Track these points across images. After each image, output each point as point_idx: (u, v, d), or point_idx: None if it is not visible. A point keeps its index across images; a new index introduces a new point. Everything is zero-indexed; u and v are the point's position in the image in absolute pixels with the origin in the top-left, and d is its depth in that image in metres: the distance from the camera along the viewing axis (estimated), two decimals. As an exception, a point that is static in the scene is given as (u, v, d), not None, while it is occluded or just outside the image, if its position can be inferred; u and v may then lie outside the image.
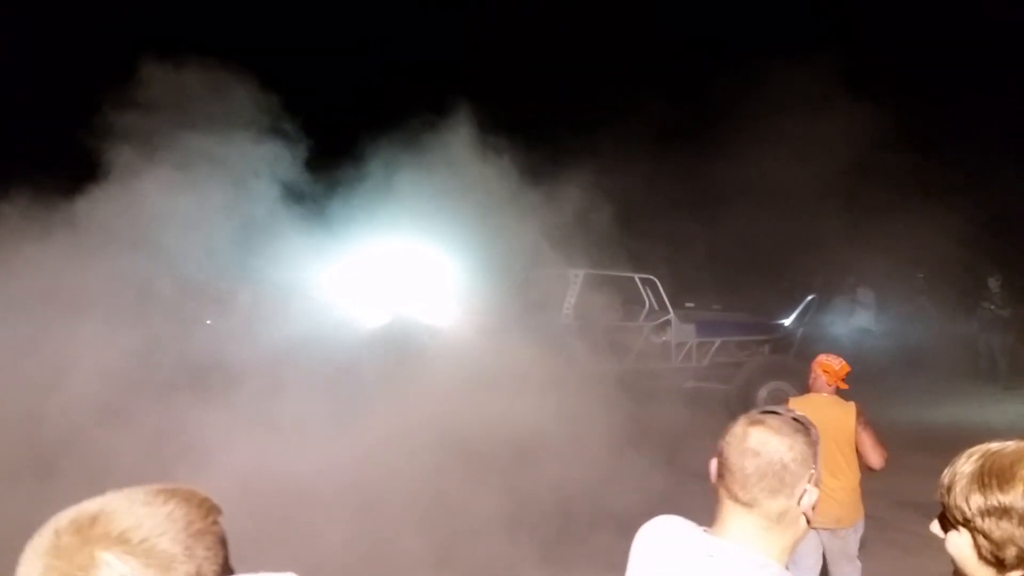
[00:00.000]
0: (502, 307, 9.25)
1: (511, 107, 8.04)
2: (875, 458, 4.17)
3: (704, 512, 1.54)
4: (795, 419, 1.44)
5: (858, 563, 4.36)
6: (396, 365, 6.40)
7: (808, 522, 1.42)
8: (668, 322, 9.85)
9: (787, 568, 1.40)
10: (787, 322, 10.57)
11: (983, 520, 1.18)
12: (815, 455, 1.42)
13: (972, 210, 10.10)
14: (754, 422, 1.42)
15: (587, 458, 5.44)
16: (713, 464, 1.47)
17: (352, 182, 7.59)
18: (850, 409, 4.25)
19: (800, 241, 11.03)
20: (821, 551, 4.28)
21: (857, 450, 4.20)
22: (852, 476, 4.20)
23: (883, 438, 4.27)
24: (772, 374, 9.70)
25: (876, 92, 9.64)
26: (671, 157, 8.46)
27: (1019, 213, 12.27)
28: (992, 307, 12.98)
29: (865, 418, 4.25)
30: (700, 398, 9.31)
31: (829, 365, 4.35)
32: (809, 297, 10.53)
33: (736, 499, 1.39)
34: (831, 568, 4.36)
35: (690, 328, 9.95)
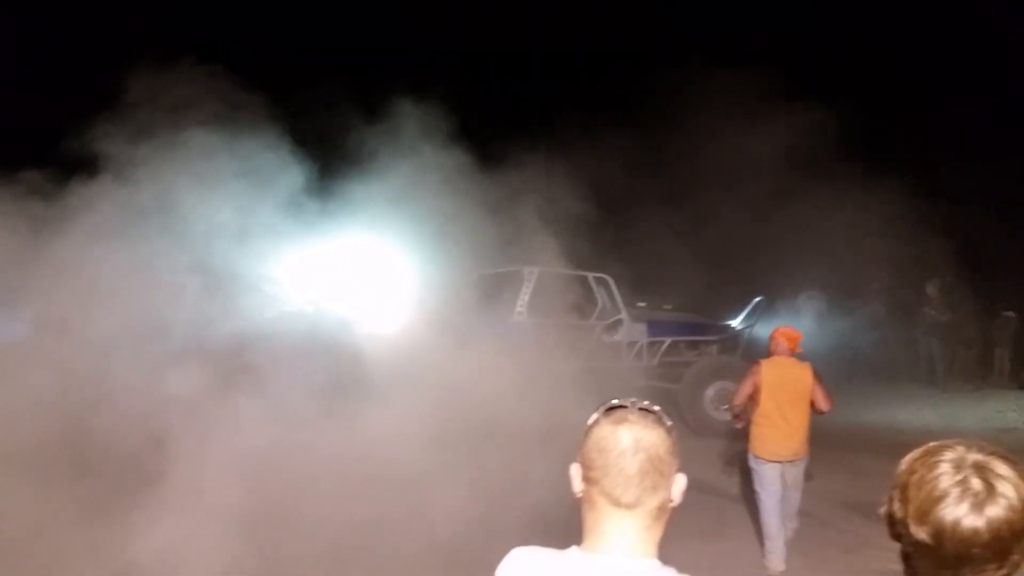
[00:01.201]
0: (454, 305, 9.23)
1: (465, 105, 8.02)
2: (827, 404, 5.37)
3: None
4: (645, 409, 1.41)
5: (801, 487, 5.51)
6: (324, 366, 6.30)
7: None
8: (620, 321, 9.93)
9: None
10: (735, 323, 10.74)
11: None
12: (676, 441, 1.40)
13: (915, 216, 10.37)
14: (619, 420, 1.37)
15: (543, 459, 5.43)
16: (575, 470, 1.40)
17: (305, 177, 7.49)
18: (808, 368, 5.41)
19: (751, 244, 11.21)
20: (780, 480, 5.34)
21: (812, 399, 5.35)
22: (806, 419, 5.36)
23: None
24: (719, 374, 9.84)
25: (829, 97, 9.80)
26: (625, 159, 8.53)
27: (959, 220, 12.61)
28: (932, 312, 13.37)
29: (818, 375, 5.41)
30: (651, 397, 9.39)
31: (788, 333, 5.54)
32: (756, 299, 10.71)
33: (618, 503, 1.34)
34: (785, 494, 5.38)
35: (641, 327, 10.04)
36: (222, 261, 7.09)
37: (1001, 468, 1.16)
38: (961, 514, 1.13)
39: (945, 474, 1.16)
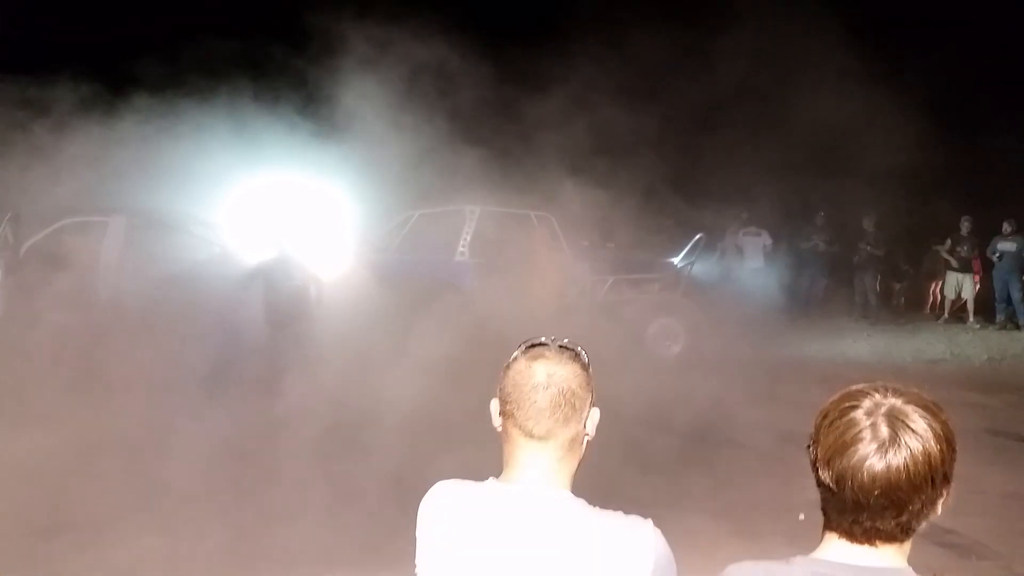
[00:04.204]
0: (395, 244, 9.09)
1: (410, 33, 7.74)
2: None
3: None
4: (563, 346, 1.49)
5: None
6: (276, 305, 6.17)
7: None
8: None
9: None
10: (676, 260, 10.81)
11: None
12: (591, 377, 1.49)
13: (854, 151, 10.36)
14: (535, 356, 1.46)
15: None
16: (494, 406, 1.49)
17: (238, 112, 7.19)
18: None
19: (691, 179, 11.16)
20: None
21: None
22: None
23: None
24: (661, 311, 9.93)
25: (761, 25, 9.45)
26: (564, 92, 8.35)
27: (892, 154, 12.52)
28: (867, 247, 13.66)
29: None
30: (595, 335, 9.45)
31: None
32: (696, 236, 10.76)
33: (531, 435, 1.43)
34: None
35: (584, 266, 10.03)
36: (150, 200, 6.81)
37: (915, 418, 1.15)
38: (860, 461, 1.14)
39: (855, 420, 1.16)
